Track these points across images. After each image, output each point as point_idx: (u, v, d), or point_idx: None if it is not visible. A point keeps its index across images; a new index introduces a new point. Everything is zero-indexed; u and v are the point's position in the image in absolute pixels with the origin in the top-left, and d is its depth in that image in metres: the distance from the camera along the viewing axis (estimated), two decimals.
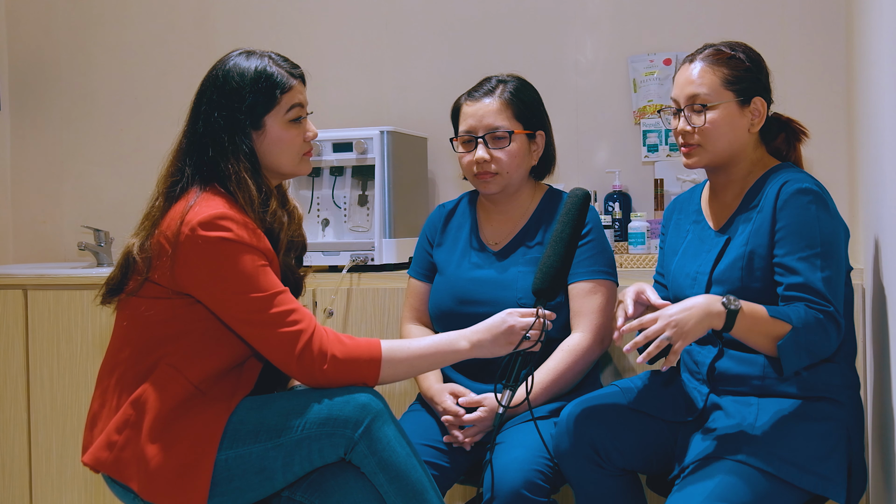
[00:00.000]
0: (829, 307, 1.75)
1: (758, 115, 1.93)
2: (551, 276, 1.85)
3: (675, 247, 2.06)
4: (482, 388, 2.15)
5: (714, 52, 1.94)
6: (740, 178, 1.97)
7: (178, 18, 3.52)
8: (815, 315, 1.74)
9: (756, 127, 1.94)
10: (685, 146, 1.96)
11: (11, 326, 3.07)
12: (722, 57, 1.93)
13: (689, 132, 1.93)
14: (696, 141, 1.93)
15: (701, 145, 1.93)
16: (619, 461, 1.90)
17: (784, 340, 1.73)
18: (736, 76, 1.91)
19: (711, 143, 1.92)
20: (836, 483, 1.76)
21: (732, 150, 1.93)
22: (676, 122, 1.96)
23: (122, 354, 1.80)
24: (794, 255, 1.79)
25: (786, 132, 2.00)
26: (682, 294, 1.97)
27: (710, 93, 1.90)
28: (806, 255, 1.79)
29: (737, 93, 1.91)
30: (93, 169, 3.63)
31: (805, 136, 2.01)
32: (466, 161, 2.22)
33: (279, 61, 1.86)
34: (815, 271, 1.77)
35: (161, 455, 1.69)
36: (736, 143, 1.93)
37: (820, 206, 1.82)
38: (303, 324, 1.73)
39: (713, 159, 1.94)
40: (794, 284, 1.78)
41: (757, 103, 1.93)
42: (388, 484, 1.70)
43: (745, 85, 1.91)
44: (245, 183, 1.78)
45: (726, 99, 1.90)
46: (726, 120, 1.91)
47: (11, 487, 3.09)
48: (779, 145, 2.00)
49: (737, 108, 1.91)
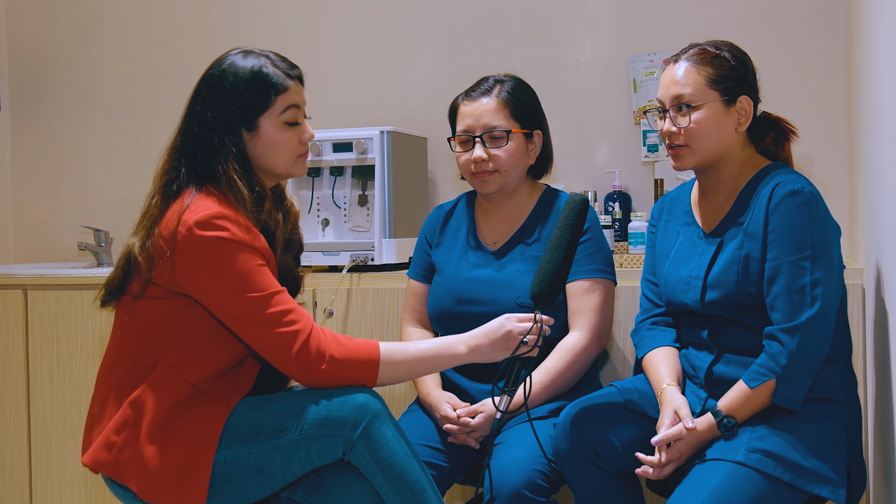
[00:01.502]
0: (811, 311, 1.76)
1: (744, 114, 1.92)
2: (550, 280, 1.85)
3: (667, 249, 2.05)
4: (481, 388, 2.16)
5: (699, 52, 1.93)
6: (730, 179, 1.96)
7: (178, 18, 3.52)
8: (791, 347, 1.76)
9: (743, 126, 1.93)
10: (672, 147, 1.94)
11: (11, 326, 3.07)
12: (706, 56, 1.91)
13: (675, 133, 1.92)
14: (683, 142, 1.92)
15: (688, 146, 1.92)
16: (618, 463, 1.90)
17: (776, 394, 1.78)
18: (721, 75, 1.90)
19: (698, 144, 1.91)
20: (835, 483, 1.76)
21: (720, 150, 1.92)
22: (662, 124, 1.96)
23: (121, 355, 1.80)
24: (783, 259, 1.80)
25: (774, 132, 1.99)
26: (676, 298, 1.97)
27: (694, 92, 1.89)
28: (795, 258, 1.79)
29: (722, 92, 1.89)
30: (93, 169, 3.63)
31: (794, 136, 2.00)
32: (464, 160, 2.22)
33: (277, 61, 1.84)
34: (804, 275, 1.78)
35: (160, 455, 1.69)
36: (723, 143, 1.92)
37: (812, 208, 1.81)
38: (300, 324, 1.72)
39: (701, 160, 1.93)
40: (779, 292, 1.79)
41: (743, 102, 1.91)
42: (387, 484, 1.70)
43: (731, 84, 1.90)
44: (235, 184, 1.77)
45: (711, 98, 1.89)
46: (712, 120, 1.90)
47: (11, 487, 3.09)
48: (768, 145, 1.99)
49: (722, 107, 1.90)
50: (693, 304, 1.93)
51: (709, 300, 1.90)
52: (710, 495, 1.69)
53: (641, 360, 2.02)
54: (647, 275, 2.12)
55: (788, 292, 1.78)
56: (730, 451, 1.76)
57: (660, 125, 1.97)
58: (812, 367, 1.78)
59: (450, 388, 2.19)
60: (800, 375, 1.77)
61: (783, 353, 1.77)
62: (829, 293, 1.78)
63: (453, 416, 2.07)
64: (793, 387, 1.77)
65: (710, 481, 1.72)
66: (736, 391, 1.81)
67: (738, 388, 1.81)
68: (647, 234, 2.15)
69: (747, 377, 1.81)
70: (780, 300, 1.79)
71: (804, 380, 1.78)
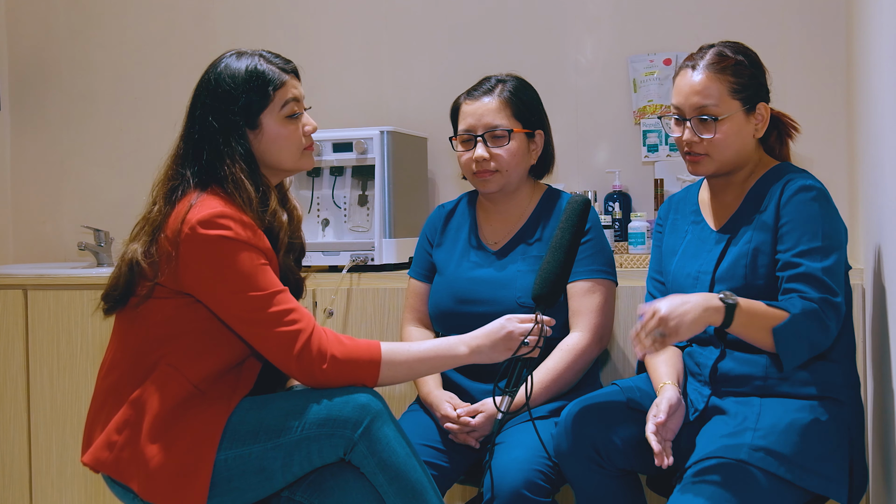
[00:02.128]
0: (827, 294, 1.75)
1: (762, 120, 1.93)
2: (551, 282, 1.85)
3: (674, 247, 2.05)
4: (481, 388, 2.16)
5: (717, 59, 1.91)
6: (741, 180, 1.97)
7: (178, 18, 3.52)
8: (812, 306, 1.74)
9: (760, 132, 1.94)
10: (691, 154, 1.94)
11: (11, 326, 3.07)
12: (727, 64, 1.90)
13: (698, 142, 1.92)
14: (704, 150, 1.92)
15: (709, 154, 1.92)
16: (620, 462, 1.90)
17: (781, 325, 1.72)
18: (742, 83, 1.90)
19: (720, 153, 1.91)
20: (838, 483, 1.76)
21: (739, 158, 1.94)
22: (681, 131, 1.94)
23: (122, 354, 1.80)
24: (796, 249, 1.80)
25: (777, 128, 2.00)
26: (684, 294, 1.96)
27: (718, 104, 1.89)
28: (808, 247, 1.79)
29: (743, 101, 1.90)
30: (93, 169, 3.63)
31: (796, 132, 2.00)
32: (465, 160, 2.23)
33: (271, 58, 1.86)
34: (817, 262, 1.77)
35: (161, 455, 1.69)
36: (743, 151, 1.93)
37: (823, 203, 1.83)
38: (301, 323, 1.73)
39: (720, 167, 1.94)
40: (794, 275, 1.78)
41: (762, 109, 1.93)
42: (388, 484, 1.70)
43: (751, 92, 1.91)
44: (242, 183, 1.78)
45: (734, 109, 1.89)
46: (734, 130, 1.90)
47: (11, 487, 3.09)
48: (772, 143, 2.00)
49: (744, 116, 1.91)
50: None
51: None
52: (713, 493, 1.69)
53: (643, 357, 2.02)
54: (653, 273, 2.12)
55: (807, 276, 1.76)
56: (733, 450, 1.76)
57: (676, 131, 1.96)
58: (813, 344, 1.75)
59: (450, 388, 2.19)
60: (805, 337, 1.73)
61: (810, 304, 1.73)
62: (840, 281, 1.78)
63: (454, 416, 2.07)
64: (795, 338, 1.73)
65: (714, 480, 1.71)
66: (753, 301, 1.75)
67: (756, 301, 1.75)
68: (654, 233, 2.16)
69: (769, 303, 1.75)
70: (800, 283, 1.76)
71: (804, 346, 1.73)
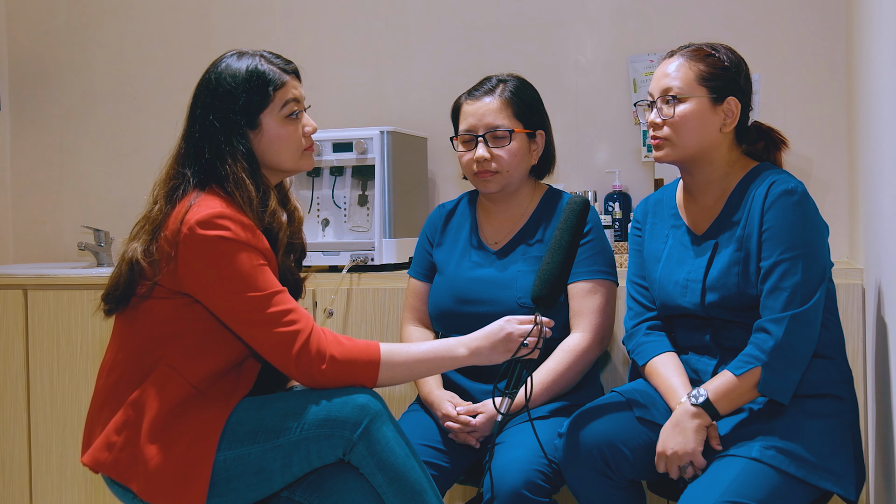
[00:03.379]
0: (796, 309, 1.77)
1: (731, 115, 1.92)
2: (550, 283, 1.85)
3: (657, 253, 2.04)
4: (482, 388, 2.16)
5: (694, 49, 1.94)
6: (717, 180, 1.96)
7: (178, 18, 3.52)
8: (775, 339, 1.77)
9: (728, 127, 1.93)
10: (654, 138, 1.95)
11: (11, 326, 3.07)
12: (700, 53, 1.93)
13: (659, 124, 1.93)
14: (665, 134, 1.92)
15: (669, 139, 1.92)
16: (628, 472, 1.88)
17: (762, 381, 1.77)
18: (711, 73, 1.91)
19: (680, 138, 1.91)
20: (846, 479, 1.77)
21: (702, 148, 1.92)
22: (649, 115, 1.97)
23: (122, 354, 1.80)
24: (774, 258, 1.81)
25: (766, 141, 2.00)
26: (673, 302, 1.96)
27: (682, 86, 1.90)
28: (787, 257, 1.80)
29: (710, 90, 1.90)
30: (93, 169, 3.63)
31: (785, 146, 2.01)
32: (466, 160, 2.23)
33: (271, 59, 1.86)
34: (795, 274, 1.79)
35: (160, 456, 1.69)
36: (706, 141, 1.92)
37: (804, 207, 1.83)
38: (300, 324, 1.72)
39: (682, 155, 1.93)
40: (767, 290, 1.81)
41: (731, 103, 1.92)
42: (387, 484, 1.70)
43: (721, 83, 1.91)
44: (243, 183, 1.78)
45: (699, 94, 1.90)
46: (696, 115, 1.90)
47: (11, 487, 3.09)
48: (759, 151, 1.99)
49: (709, 104, 1.91)
50: (692, 307, 1.93)
51: (709, 302, 1.90)
52: (725, 490, 1.69)
53: (643, 367, 2.00)
54: (634, 277, 2.10)
55: (778, 290, 1.79)
56: (745, 448, 1.76)
57: (647, 116, 1.98)
58: (799, 361, 1.78)
59: (451, 388, 2.19)
60: (787, 367, 1.77)
61: (769, 340, 1.77)
62: (817, 292, 1.79)
63: (454, 414, 2.07)
64: (779, 377, 1.77)
65: (726, 477, 1.72)
66: (721, 379, 1.81)
67: (724, 376, 1.81)
68: (631, 236, 2.14)
69: (733, 366, 1.80)
70: (770, 297, 1.80)
71: (791, 373, 1.78)
